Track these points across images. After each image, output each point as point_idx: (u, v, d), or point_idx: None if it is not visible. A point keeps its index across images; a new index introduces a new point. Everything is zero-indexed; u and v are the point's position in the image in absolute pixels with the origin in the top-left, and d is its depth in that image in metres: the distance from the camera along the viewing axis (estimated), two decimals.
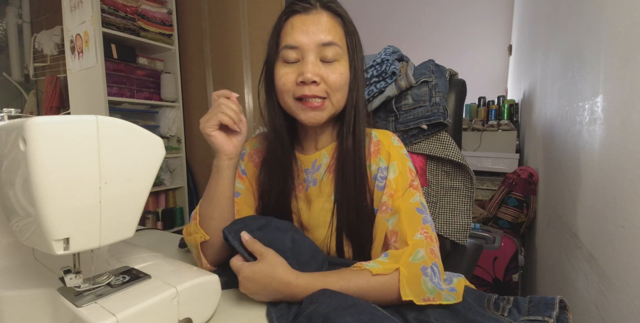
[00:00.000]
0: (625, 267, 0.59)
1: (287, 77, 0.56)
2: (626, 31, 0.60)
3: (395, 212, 0.56)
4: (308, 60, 0.55)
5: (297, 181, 0.65)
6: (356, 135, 0.59)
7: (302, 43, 0.55)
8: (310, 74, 0.54)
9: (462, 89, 0.87)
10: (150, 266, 0.47)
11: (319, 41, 0.54)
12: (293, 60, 0.56)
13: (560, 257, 1.03)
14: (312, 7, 0.56)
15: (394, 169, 0.59)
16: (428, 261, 0.50)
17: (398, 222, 0.55)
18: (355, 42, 0.58)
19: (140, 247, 0.56)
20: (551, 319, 0.39)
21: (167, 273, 0.45)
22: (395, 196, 0.57)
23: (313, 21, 0.55)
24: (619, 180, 0.62)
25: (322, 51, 0.55)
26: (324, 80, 0.56)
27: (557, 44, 1.18)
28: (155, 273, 0.45)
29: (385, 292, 0.49)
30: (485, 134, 2.39)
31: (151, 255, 0.52)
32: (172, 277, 0.44)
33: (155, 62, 2.08)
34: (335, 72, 0.56)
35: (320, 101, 0.56)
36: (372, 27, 3.85)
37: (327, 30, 0.55)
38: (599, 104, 0.73)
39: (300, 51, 0.55)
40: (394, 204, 0.57)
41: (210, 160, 0.62)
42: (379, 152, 0.61)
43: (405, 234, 0.54)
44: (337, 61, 0.56)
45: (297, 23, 0.55)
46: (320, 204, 0.62)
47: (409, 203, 0.57)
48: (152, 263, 0.49)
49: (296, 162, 0.65)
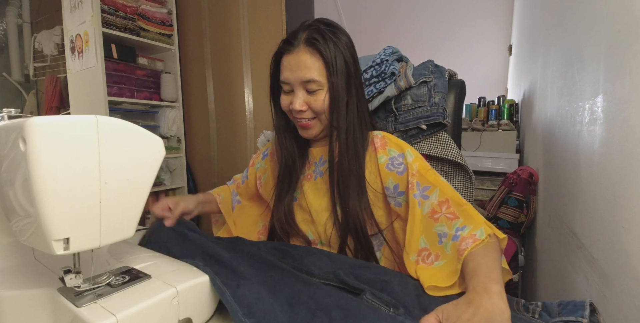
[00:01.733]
0: (625, 267, 0.59)
1: (285, 102, 0.70)
2: (626, 30, 0.60)
3: (434, 187, 0.63)
4: (296, 94, 0.68)
5: (307, 171, 0.77)
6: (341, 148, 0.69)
7: (290, 80, 0.67)
8: (297, 105, 0.67)
9: (462, 89, 0.87)
10: (150, 266, 0.47)
11: (301, 78, 0.66)
12: (288, 90, 0.69)
13: (560, 257, 1.03)
14: (294, 47, 0.66)
15: (410, 154, 0.67)
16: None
17: (442, 193, 0.62)
18: (335, 70, 0.66)
19: (140, 247, 0.56)
20: (585, 319, 0.39)
21: (167, 273, 0.45)
22: (423, 174, 0.65)
23: (295, 62, 0.66)
24: (619, 180, 0.62)
25: (305, 85, 0.67)
26: (310, 106, 0.68)
27: (557, 44, 1.18)
28: (155, 273, 0.45)
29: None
30: (485, 134, 2.39)
31: (151, 255, 0.52)
32: (172, 277, 0.44)
33: (155, 62, 2.08)
34: (318, 100, 0.67)
35: (307, 121, 0.70)
36: (372, 27, 3.85)
37: (306, 68, 0.65)
38: (599, 103, 0.73)
39: (291, 85, 0.68)
40: (427, 181, 0.64)
41: (211, 160, 0.64)
42: (387, 144, 0.70)
43: (455, 198, 0.62)
44: (318, 91, 0.67)
45: (285, 62, 0.68)
46: (323, 192, 0.73)
47: (441, 180, 0.65)
48: (152, 263, 0.49)
49: (307, 157, 0.78)
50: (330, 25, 0.68)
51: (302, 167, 0.77)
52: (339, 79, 0.66)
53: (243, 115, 2.00)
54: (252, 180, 0.88)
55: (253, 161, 0.89)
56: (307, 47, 0.66)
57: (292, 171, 0.75)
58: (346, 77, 0.68)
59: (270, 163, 0.84)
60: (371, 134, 0.72)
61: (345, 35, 0.69)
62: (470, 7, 3.58)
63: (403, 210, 0.68)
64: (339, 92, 0.66)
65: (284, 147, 0.75)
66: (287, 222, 0.75)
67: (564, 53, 1.08)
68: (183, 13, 2.18)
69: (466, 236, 0.57)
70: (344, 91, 0.67)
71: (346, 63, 0.67)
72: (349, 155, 0.68)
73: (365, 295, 0.48)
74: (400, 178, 0.67)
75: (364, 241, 0.68)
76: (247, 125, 1.99)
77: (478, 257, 0.53)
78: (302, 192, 0.76)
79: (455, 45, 3.73)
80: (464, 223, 0.59)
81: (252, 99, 1.97)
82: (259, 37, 1.89)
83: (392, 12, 3.87)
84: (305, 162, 0.78)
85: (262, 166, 0.86)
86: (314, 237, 0.74)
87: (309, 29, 0.67)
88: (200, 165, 2.27)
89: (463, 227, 0.59)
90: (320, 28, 0.67)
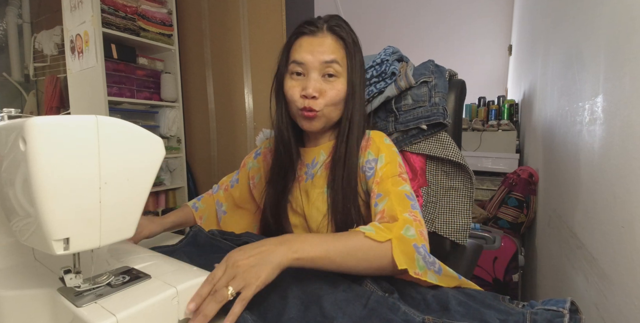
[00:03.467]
0: (625, 267, 0.59)
1: (294, 90, 0.66)
2: (626, 30, 0.60)
3: (384, 196, 0.60)
4: (311, 77, 0.63)
5: (299, 173, 0.74)
6: (349, 144, 0.67)
7: (308, 60, 0.63)
8: (312, 89, 0.62)
9: (462, 89, 0.87)
10: (150, 266, 0.47)
11: (322, 59, 0.63)
12: (300, 72, 0.65)
13: (560, 257, 1.03)
14: (319, 30, 0.65)
15: (382, 160, 0.66)
16: (419, 241, 0.52)
17: (387, 203, 0.59)
18: (355, 62, 0.65)
19: (140, 247, 0.56)
20: (565, 310, 0.40)
21: (167, 273, 0.45)
22: (383, 182, 0.62)
23: (319, 43, 0.63)
24: (619, 180, 0.62)
25: (324, 68, 0.63)
26: (323, 94, 0.64)
27: (557, 44, 1.18)
28: (155, 273, 0.45)
29: (379, 255, 0.50)
30: (485, 134, 2.39)
31: (151, 255, 0.52)
32: (172, 277, 0.44)
33: (155, 62, 2.08)
34: (334, 89, 0.64)
35: (314, 112, 0.65)
36: (372, 26, 3.85)
37: (329, 51, 0.63)
38: (599, 104, 0.73)
39: (306, 67, 0.64)
40: (382, 189, 0.62)
41: (211, 160, 0.64)
42: (369, 147, 0.69)
43: (395, 211, 0.56)
44: (337, 78, 0.64)
45: (304, 43, 0.64)
46: (314, 196, 0.70)
47: (398, 189, 0.61)
48: (152, 263, 0.49)
49: (300, 157, 0.75)
50: (347, 24, 0.69)
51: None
52: (357, 71, 0.66)
53: (243, 115, 2.00)
54: (243, 182, 0.85)
55: (244, 162, 0.87)
56: (331, 33, 0.65)
57: (288, 172, 0.73)
58: (361, 72, 0.68)
59: (262, 162, 0.82)
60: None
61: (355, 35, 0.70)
62: (470, 7, 3.58)
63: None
64: (356, 83, 0.66)
65: (282, 147, 0.73)
66: (281, 225, 0.73)
67: (564, 53, 1.08)
68: (183, 13, 2.18)
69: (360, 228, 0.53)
70: (360, 84, 0.67)
71: (361, 58, 0.68)
72: (347, 154, 0.67)
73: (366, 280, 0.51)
74: (367, 183, 0.66)
75: None
76: (247, 125, 1.99)
77: (337, 234, 0.51)
78: (293, 194, 0.74)
79: (455, 45, 3.73)
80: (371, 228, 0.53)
81: (252, 98, 1.97)
82: (259, 37, 1.89)
83: (393, 12, 3.87)
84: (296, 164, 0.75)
85: (254, 165, 0.84)
86: None
87: (331, 19, 0.67)
88: (200, 165, 2.27)
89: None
90: (342, 21, 0.68)
